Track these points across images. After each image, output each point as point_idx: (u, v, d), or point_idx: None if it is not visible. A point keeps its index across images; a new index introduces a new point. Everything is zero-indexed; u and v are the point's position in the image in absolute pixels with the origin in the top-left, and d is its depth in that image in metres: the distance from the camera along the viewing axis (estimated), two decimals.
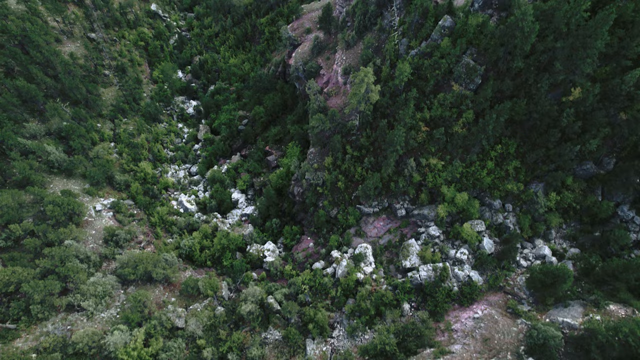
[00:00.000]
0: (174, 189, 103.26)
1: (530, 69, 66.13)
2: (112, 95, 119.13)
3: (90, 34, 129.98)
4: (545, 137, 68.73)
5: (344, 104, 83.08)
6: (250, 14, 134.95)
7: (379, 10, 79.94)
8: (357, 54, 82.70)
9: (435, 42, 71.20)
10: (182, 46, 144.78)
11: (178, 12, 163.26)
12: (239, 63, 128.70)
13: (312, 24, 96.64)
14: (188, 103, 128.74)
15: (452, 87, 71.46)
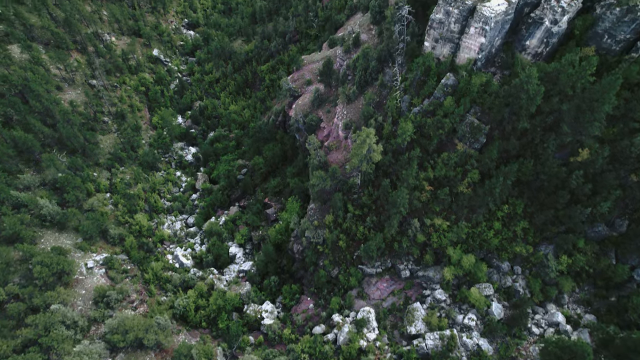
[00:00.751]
0: (170, 241, 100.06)
1: (537, 130, 64.54)
2: (110, 143, 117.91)
3: (92, 80, 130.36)
4: (554, 198, 66.35)
5: (345, 159, 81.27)
6: (250, 61, 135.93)
7: (380, 66, 79.44)
8: (358, 109, 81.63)
9: (438, 100, 70.03)
10: (182, 91, 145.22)
11: (179, 56, 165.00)
12: (239, 110, 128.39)
13: (312, 75, 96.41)
14: (187, 149, 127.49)
15: (457, 146, 69.75)
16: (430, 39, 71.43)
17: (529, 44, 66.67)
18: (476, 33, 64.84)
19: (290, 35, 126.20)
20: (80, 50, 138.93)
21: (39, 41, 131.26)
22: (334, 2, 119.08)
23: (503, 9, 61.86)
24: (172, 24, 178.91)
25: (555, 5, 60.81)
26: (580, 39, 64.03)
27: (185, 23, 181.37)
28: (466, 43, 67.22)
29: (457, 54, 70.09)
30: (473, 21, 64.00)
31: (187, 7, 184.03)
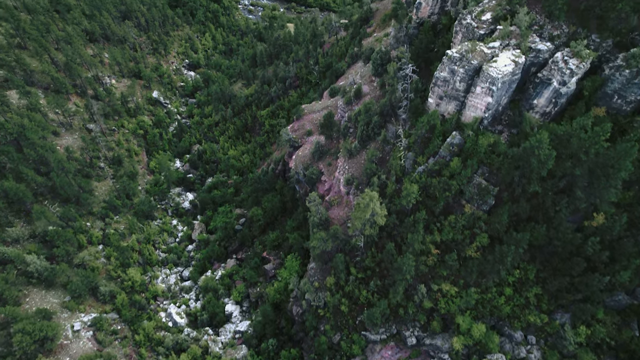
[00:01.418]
0: (163, 297, 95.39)
1: (548, 193, 61.46)
2: (105, 190, 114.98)
3: (90, 124, 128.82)
4: (569, 264, 62.52)
5: (346, 216, 77.95)
6: (250, 105, 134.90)
7: (382, 121, 77.35)
8: (360, 164, 78.97)
9: (444, 159, 67.37)
10: (181, 134, 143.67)
11: (179, 98, 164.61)
12: (238, 155, 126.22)
13: (313, 125, 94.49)
14: (184, 196, 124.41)
15: (464, 208, 66.51)
16: (434, 96, 69.52)
17: (537, 103, 64.53)
18: (483, 92, 62.83)
19: (290, 81, 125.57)
20: (79, 93, 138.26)
21: (39, 85, 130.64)
22: (334, 49, 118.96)
23: (510, 70, 59.99)
24: (173, 65, 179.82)
25: (563, 67, 58.98)
26: (590, 99, 61.90)
27: (186, 64, 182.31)
28: (472, 102, 65.15)
29: (462, 111, 67.97)
30: (479, 81, 62.08)
31: (188, 48, 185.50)
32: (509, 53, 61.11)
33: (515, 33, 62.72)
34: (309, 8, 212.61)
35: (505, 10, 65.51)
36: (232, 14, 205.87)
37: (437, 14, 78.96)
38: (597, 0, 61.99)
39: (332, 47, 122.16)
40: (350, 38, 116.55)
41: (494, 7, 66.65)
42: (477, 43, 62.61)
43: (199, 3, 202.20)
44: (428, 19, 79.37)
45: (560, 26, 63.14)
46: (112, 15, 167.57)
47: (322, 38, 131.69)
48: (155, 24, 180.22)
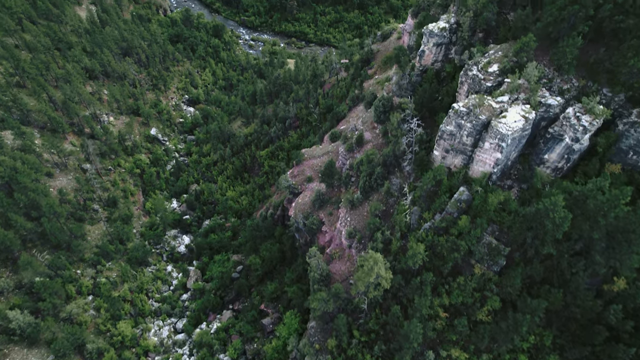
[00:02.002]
0: (155, 352, 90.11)
1: (564, 255, 57.67)
2: (98, 234, 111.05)
3: (85, 164, 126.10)
4: (589, 332, 58.10)
5: (348, 272, 73.93)
6: (250, 145, 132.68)
7: (385, 171, 74.30)
8: (363, 216, 75.47)
9: (451, 215, 63.89)
10: (179, 173, 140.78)
11: (178, 135, 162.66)
12: (237, 196, 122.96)
13: (313, 172, 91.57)
14: (180, 239, 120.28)
15: (474, 268, 62.59)
16: (440, 148, 66.74)
17: (548, 158, 61.59)
18: (491, 148, 59.98)
19: (290, 121, 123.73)
20: (76, 132, 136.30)
21: (35, 125, 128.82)
22: (335, 90, 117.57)
23: (520, 126, 57.29)
24: (173, 100, 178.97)
25: (575, 123, 56.31)
26: (604, 155, 59.03)
27: (186, 99, 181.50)
28: (480, 157, 62.25)
29: (470, 165, 65.03)
30: (488, 136, 59.33)
31: (188, 83, 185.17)
32: (519, 108, 58.60)
33: (524, 87, 60.40)
34: (309, 44, 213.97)
35: (512, 62, 63.47)
36: (232, 49, 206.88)
37: (440, 61, 77.23)
38: (606, 54, 60.05)
39: (332, 87, 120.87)
40: (351, 79, 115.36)
41: (500, 59, 64.67)
42: (485, 97, 60.21)
43: (199, 38, 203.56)
44: (431, 66, 77.60)
45: (569, 80, 60.93)
46: (113, 52, 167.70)
47: (322, 77, 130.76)
48: (156, 60, 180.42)
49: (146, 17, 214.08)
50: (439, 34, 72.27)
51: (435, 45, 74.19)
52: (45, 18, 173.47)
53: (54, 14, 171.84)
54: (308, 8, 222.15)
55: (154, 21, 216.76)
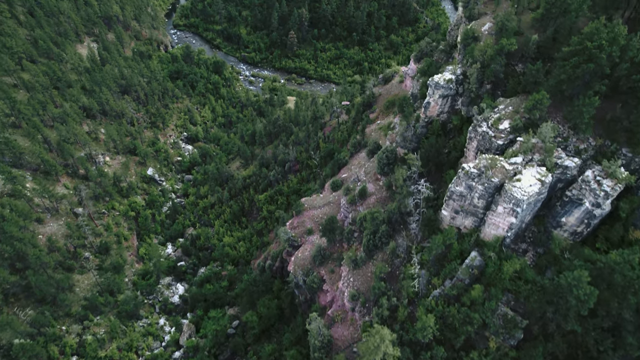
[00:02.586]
0: None
1: (590, 333, 52.48)
2: (87, 285, 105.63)
3: (78, 208, 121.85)
4: None
5: (352, 338, 68.39)
6: (248, 188, 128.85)
7: (390, 229, 69.88)
8: (367, 277, 70.56)
9: (463, 282, 59.04)
10: (175, 215, 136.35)
11: (175, 174, 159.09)
12: (234, 242, 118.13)
13: (313, 223, 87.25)
14: (174, 288, 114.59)
15: (488, 341, 57.24)
16: (449, 209, 62.57)
17: (566, 222, 57.26)
18: (505, 212, 55.80)
19: (290, 165, 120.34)
20: (70, 174, 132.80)
21: (28, 167, 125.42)
22: (336, 134, 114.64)
23: (536, 190, 53.29)
24: (171, 138, 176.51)
25: (596, 188, 52.30)
26: (627, 221, 54.75)
27: (184, 137, 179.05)
28: (493, 220, 58.01)
29: (481, 228, 60.70)
30: (501, 200, 55.26)
31: (187, 120, 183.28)
32: (534, 170, 54.75)
33: (538, 146, 56.75)
34: (309, 80, 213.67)
35: (524, 119, 60.10)
36: (232, 85, 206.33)
37: (446, 112, 74.16)
38: (624, 112, 56.69)
39: (333, 130, 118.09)
40: (352, 123, 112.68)
41: (511, 115, 61.35)
42: (497, 158, 56.49)
43: (199, 75, 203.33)
44: (437, 117, 74.47)
45: (586, 139, 57.39)
46: (112, 90, 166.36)
47: (322, 119, 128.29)
48: (155, 98, 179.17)
49: (147, 54, 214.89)
50: (444, 85, 69.44)
51: (441, 97, 71.27)
52: (46, 57, 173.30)
53: (55, 53, 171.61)
54: (308, 44, 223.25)
55: (155, 57, 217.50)
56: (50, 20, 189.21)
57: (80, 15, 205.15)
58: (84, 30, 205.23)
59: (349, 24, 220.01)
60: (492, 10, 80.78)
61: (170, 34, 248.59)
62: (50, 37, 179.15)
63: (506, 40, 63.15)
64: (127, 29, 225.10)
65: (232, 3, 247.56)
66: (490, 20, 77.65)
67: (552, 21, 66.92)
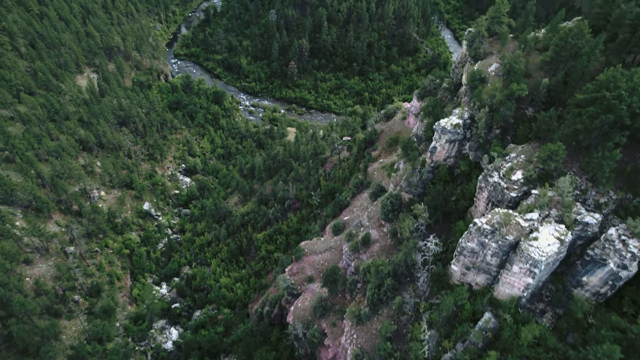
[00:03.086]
0: None
1: None
2: (75, 331, 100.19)
3: (69, 247, 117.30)
4: None
5: None
6: (246, 225, 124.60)
7: (396, 283, 65.36)
8: (372, 334, 65.60)
9: (476, 346, 54.15)
10: (170, 253, 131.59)
11: (172, 208, 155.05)
12: (231, 283, 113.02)
13: (314, 270, 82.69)
14: (168, 332, 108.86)
15: None
16: (459, 264, 58.27)
17: (588, 281, 52.83)
18: (521, 272, 51.52)
19: (290, 202, 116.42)
20: (63, 210, 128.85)
21: (19, 204, 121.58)
22: (337, 172, 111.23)
23: (555, 249, 49.16)
24: (169, 170, 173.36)
25: (621, 248, 48.12)
26: None
27: (182, 169, 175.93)
28: (508, 279, 53.66)
29: (495, 286, 56.27)
30: (517, 259, 51.07)
31: (185, 152, 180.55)
32: (552, 228, 50.73)
33: (555, 200, 52.93)
34: (310, 110, 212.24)
35: (538, 169, 56.50)
36: (232, 116, 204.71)
37: (454, 157, 70.74)
38: None
39: (334, 168, 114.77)
40: (354, 160, 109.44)
41: (524, 165, 57.78)
42: (512, 214, 52.55)
43: (199, 105, 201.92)
44: (444, 162, 70.97)
45: (606, 192, 53.62)
46: (110, 122, 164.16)
47: (323, 154, 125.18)
48: (153, 129, 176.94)
49: (147, 84, 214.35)
50: (451, 130, 66.23)
51: (448, 142, 68.00)
52: (45, 88, 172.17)
53: (54, 85, 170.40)
54: (309, 74, 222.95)
55: (155, 87, 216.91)
56: (51, 52, 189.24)
57: (82, 47, 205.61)
58: (84, 61, 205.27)
59: (349, 54, 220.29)
60: (498, 49, 78.54)
61: (171, 64, 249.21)
62: (50, 68, 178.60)
63: (516, 86, 60.22)
64: (128, 59, 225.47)
65: (232, 33, 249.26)
66: (497, 60, 75.25)
67: (562, 64, 64.31)
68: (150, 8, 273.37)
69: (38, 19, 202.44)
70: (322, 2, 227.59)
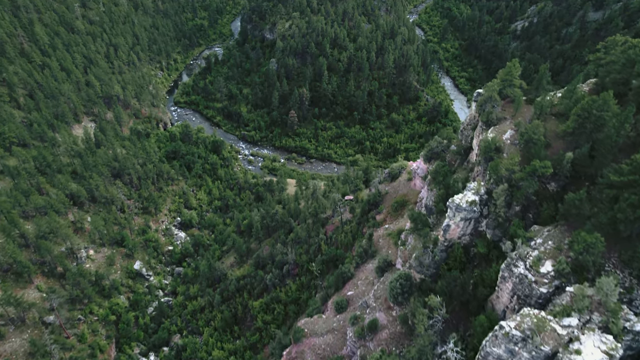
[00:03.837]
0: None
1: None
2: None
3: (48, 317, 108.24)
4: None
5: None
6: (242, 291, 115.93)
7: None
8: None
9: None
10: (160, 318, 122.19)
11: (165, 267, 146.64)
12: (224, 358, 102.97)
13: (315, 356, 73.72)
14: None
15: None
16: None
17: None
18: None
19: (289, 267, 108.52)
20: (46, 273, 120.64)
21: None
22: (339, 235, 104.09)
23: None
24: (163, 224, 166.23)
25: None
26: None
27: (178, 222, 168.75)
28: None
29: None
30: None
31: (181, 205, 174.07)
32: (596, 337, 42.86)
33: (596, 301, 45.49)
34: (310, 159, 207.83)
35: (570, 259, 49.42)
36: (231, 165, 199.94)
37: (469, 234, 63.82)
38: None
39: (336, 231, 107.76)
40: (357, 224, 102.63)
41: (553, 253, 50.73)
42: (546, 318, 44.85)
43: (197, 155, 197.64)
44: (458, 240, 63.94)
45: None
46: (104, 175, 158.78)
47: (324, 213, 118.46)
48: (148, 182, 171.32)
49: (145, 132, 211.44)
50: (467, 208, 59.74)
51: (462, 220, 61.27)
52: (40, 140, 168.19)
53: (49, 137, 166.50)
54: (309, 123, 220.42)
55: (153, 136, 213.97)
56: (49, 102, 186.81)
57: (81, 96, 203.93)
58: (83, 110, 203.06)
59: (350, 103, 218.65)
60: (511, 114, 73.49)
61: (171, 111, 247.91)
62: (46, 119, 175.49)
63: (539, 163, 54.23)
64: (127, 108, 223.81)
65: (233, 81, 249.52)
66: (512, 127, 70.03)
67: (586, 136, 58.73)
68: (152, 56, 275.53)
69: (40, 69, 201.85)
70: (322, 51, 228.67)
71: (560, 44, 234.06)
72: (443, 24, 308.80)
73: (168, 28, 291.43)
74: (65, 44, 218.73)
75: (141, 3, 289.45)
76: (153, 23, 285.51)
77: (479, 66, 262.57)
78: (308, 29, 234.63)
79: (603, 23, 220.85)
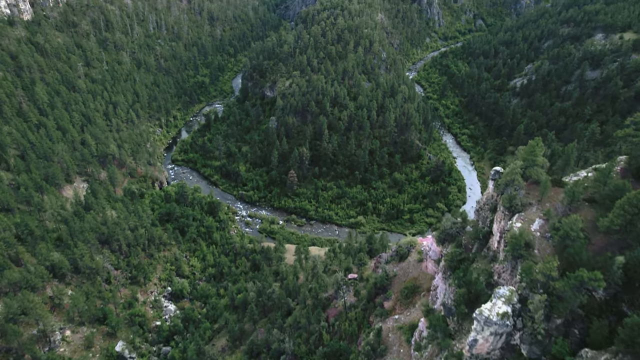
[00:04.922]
0: None
1: None
2: None
3: None
4: None
5: None
6: None
7: None
8: None
9: None
10: None
11: (150, 346, 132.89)
12: None
13: None
14: None
15: None
16: None
17: None
18: None
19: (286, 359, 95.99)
20: None
21: None
22: (342, 323, 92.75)
23: None
24: (152, 295, 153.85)
25: None
26: None
27: (168, 293, 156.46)
28: None
29: None
30: None
31: (173, 273, 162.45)
32: None
33: None
34: (310, 221, 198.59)
35: None
36: (227, 228, 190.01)
37: (499, 349, 53.19)
38: None
39: (339, 316, 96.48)
40: (362, 310, 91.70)
41: None
42: None
43: (192, 217, 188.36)
44: (487, 356, 53.19)
45: None
46: (90, 243, 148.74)
47: (325, 292, 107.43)
48: (138, 248, 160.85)
49: (139, 192, 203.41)
50: (498, 322, 49.73)
51: (492, 335, 50.95)
52: (26, 204, 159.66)
53: (35, 202, 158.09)
54: (309, 183, 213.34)
55: (148, 196, 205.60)
56: (40, 163, 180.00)
57: (75, 156, 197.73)
58: (76, 170, 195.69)
59: (351, 162, 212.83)
60: (537, 199, 65.18)
61: (168, 169, 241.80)
62: (35, 182, 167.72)
63: (587, 274, 44.86)
64: (123, 166, 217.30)
65: (232, 139, 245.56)
66: (540, 215, 61.48)
67: (637, 235, 49.98)
68: (152, 113, 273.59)
69: (35, 128, 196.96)
70: (322, 110, 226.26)
71: (560, 101, 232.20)
72: (442, 81, 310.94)
73: (169, 85, 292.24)
74: (64, 103, 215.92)
75: (144, 61, 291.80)
76: (154, 80, 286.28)
77: (480, 123, 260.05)
78: (308, 88, 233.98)
79: (602, 82, 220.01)
